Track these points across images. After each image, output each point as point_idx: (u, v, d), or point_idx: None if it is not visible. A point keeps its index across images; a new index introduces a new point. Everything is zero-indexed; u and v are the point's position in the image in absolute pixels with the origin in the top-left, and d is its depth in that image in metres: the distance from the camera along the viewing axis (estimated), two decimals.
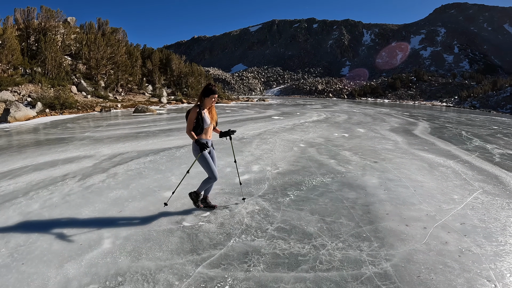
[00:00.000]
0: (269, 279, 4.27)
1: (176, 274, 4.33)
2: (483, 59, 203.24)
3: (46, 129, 18.38)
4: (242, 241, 5.26)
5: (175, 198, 6.90)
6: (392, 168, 10.40)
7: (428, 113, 46.44)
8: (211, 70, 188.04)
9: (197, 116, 6.10)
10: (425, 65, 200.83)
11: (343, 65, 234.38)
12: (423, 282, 4.27)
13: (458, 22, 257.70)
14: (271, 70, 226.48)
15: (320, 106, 55.35)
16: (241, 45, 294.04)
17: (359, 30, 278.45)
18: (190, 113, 6.14)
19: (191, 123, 6.15)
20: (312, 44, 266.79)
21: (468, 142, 16.92)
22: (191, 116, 6.13)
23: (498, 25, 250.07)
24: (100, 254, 4.82)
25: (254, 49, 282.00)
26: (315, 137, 16.49)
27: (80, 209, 6.47)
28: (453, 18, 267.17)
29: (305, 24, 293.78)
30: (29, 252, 4.86)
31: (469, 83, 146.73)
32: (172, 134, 16.45)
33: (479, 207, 7.08)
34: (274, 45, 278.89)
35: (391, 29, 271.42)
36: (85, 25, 51.56)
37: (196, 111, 6.10)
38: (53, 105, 28.08)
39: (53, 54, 35.25)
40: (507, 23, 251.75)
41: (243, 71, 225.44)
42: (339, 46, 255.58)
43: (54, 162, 10.29)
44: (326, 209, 6.66)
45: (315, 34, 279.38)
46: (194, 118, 6.12)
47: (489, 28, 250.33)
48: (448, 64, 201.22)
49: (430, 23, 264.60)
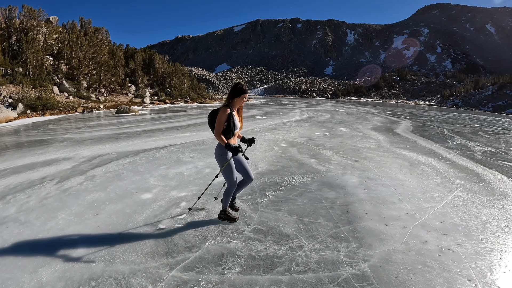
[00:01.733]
0: (244, 282, 4.21)
1: (150, 278, 4.25)
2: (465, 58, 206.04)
3: (27, 130, 18.12)
4: (217, 243, 5.19)
5: (152, 200, 6.83)
6: (373, 167, 10.41)
7: (411, 112, 46.83)
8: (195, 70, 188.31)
9: (228, 118, 5.50)
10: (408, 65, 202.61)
11: (327, 65, 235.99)
12: (402, 283, 4.24)
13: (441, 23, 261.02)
14: (255, 70, 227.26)
15: (303, 105, 55.53)
16: (225, 45, 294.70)
17: (343, 30, 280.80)
18: (219, 113, 5.47)
19: (222, 125, 5.47)
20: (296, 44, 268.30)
21: (449, 140, 17.06)
22: (221, 118, 5.45)
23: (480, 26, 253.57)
24: (74, 258, 4.73)
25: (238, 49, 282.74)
26: (297, 137, 16.50)
27: (57, 212, 6.34)
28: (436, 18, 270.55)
29: (289, 24, 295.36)
30: (3, 257, 4.75)
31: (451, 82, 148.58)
32: (153, 135, 16.31)
33: (460, 205, 7.10)
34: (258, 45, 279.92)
35: (375, 29, 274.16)
36: (67, 24, 50.96)
37: (226, 112, 5.45)
38: (34, 106, 27.70)
39: (34, 54, 34.74)
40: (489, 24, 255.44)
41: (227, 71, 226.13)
42: (323, 46, 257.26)
43: (33, 165, 10.11)
44: (304, 210, 6.62)
45: (299, 34, 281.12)
46: (225, 120, 5.48)
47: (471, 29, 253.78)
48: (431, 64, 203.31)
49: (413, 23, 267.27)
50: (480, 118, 39.70)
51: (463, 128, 24.27)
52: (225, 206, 5.97)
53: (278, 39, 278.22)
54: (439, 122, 28.88)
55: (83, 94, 38.13)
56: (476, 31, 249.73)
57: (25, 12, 39.45)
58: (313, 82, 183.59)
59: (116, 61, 48.99)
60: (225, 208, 5.99)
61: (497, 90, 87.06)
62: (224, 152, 5.60)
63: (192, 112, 33.48)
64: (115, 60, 48.72)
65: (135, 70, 55.51)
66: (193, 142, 14.11)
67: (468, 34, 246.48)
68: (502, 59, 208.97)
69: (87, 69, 42.57)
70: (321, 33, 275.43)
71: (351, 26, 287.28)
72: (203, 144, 13.38)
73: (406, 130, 21.09)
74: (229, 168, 5.65)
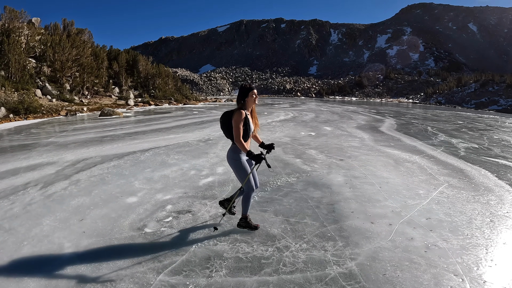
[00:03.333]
0: (232, 284, 4.19)
1: (137, 283, 4.21)
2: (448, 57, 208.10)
3: (10, 135, 17.89)
4: (204, 246, 5.17)
5: (138, 203, 6.78)
6: (358, 165, 10.45)
7: (394, 110, 47.16)
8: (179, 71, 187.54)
9: (245, 121, 5.18)
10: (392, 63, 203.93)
11: (311, 64, 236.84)
12: (389, 280, 4.26)
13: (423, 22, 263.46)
14: (239, 70, 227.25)
15: (288, 105, 55.65)
16: (209, 46, 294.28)
17: (327, 29, 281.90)
18: (235, 117, 5.14)
19: (240, 129, 5.11)
20: (280, 44, 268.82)
21: (433, 137, 17.21)
22: (238, 121, 5.11)
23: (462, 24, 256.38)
24: (60, 265, 4.66)
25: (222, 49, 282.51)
26: (282, 137, 16.52)
27: (41, 218, 6.25)
28: (419, 17, 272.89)
29: (273, 24, 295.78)
30: None
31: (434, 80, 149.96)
32: (137, 137, 16.20)
33: (445, 201, 7.16)
34: (242, 45, 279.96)
35: (358, 28, 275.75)
36: (50, 26, 50.53)
37: (242, 115, 5.13)
38: (17, 109, 27.39)
39: (17, 56, 34.32)
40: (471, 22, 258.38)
41: (211, 71, 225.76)
42: (307, 45, 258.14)
43: (16, 170, 9.97)
44: (290, 210, 6.62)
45: (283, 34, 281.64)
46: (242, 123, 5.15)
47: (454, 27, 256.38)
48: (414, 62, 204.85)
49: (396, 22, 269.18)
50: (463, 115, 40.07)
51: (446, 125, 24.50)
52: (245, 212, 5.66)
53: (262, 39, 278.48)
54: (423, 120, 29.11)
55: (66, 97, 37.81)
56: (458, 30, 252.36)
57: (7, 14, 39.03)
58: (297, 81, 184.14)
59: (100, 62, 48.65)
60: (246, 214, 5.68)
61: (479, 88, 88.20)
62: (237, 157, 5.36)
63: (176, 113, 33.35)
64: (98, 62, 48.37)
65: (118, 71, 55.16)
66: (177, 144, 14.05)
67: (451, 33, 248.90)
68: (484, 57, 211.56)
69: (70, 71, 42.17)
70: (305, 33, 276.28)
71: (335, 25, 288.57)
72: (188, 146, 13.33)
73: (390, 128, 21.23)
74: (245, 172, 5.38)
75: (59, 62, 40.66)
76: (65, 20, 52.06)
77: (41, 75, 40.04)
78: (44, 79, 39.14)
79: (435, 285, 4.19)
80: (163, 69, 69.69)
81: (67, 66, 41.38)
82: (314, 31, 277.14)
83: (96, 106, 39.11)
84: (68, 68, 41.61)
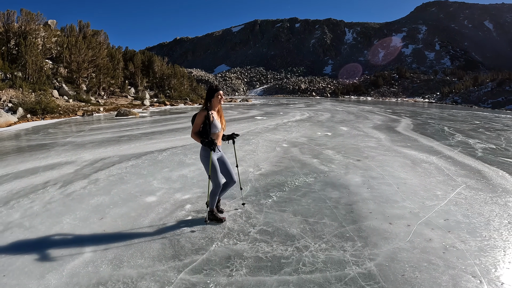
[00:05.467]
0: (252, 283, 4.23)
1: (158, 282, 4.26)
2: (464, 55, 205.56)
3: (28, 135, 18.10)
4: (224, 245, 5.21)
5: (157, 203, 6.84)
6: (375, 166, 10.42)
7: (410, 109, 46.82)
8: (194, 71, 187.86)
9: (205, 120, 5.69)
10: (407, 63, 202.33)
11: (326, 64, 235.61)
12: (408, 281, 4.26)
13: (439, 20, 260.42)
14: (254, 70, 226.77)
15: (303, 105, 55.46)
16: (223, 46, 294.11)
17: (341, 29, 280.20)
18: (197, 116, 5.74)
19: (197, 126, 5.74)
20: (295, 43, 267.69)
21: (450, 137, 17.07)
22: (198, 120, 5.72)
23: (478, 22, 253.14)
24: (81, 263, 4.72)
25: (237, 49, 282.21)
26: (298, 137, 16.49)
27: (61, 217, 6.34)
28: (434, 15, 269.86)
29: (287, 23, 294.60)
30: (10, 263, 4.75)
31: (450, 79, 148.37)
32: (154, 137, 16.30)
33: (463, 203, 7.12)
34: (257, 45, 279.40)
35: (373, 27, 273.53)
36: (66, 27, 50.90)
37: (203, 114, 5.69)
38: (34, 110, 27.66)
39: (33, 58, 34.65)
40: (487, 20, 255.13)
41: (226, 71, 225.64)
42: (322, 45, 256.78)
43: (35, 169, 10.10)
44: (309, 210, 6.64)
45: (298, 33, 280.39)
46: (201, 122, 5.72)
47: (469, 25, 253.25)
48: (430, 61, 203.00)
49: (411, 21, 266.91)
50: (480, 114, 39.71)
51: (463, 125, 24.29)
52: (212, 206, 6.09)
53: (276, 39, 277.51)
54: (439, 120, 28.89)
55: (82, 97, 38.10)
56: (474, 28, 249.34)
57: (24, 16, 39.39)
58: (312, 81, 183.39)
59: (115, 63, 48.90)
60: (212, 208, 6.11)
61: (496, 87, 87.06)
62: (207, 154, 5.76)
63: (192, 113, 33.34)
64: (114, 62, 48.61)
65: (134, 72, 55.48)
66: (194, 144, 14.07)
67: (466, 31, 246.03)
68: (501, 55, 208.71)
69: (86, 72, 42.50)
70: (319, 32, 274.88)
71: (349, 24, 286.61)
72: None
73: (406, 128, 21.10)
74: (213, 169, 5.78)
75: (75, 63, 40.95)
76: (81, 22, 52.42)
77: (57, 76, 40.40)
78: (61, 80, 39.50)
79: (453, 286, 4.18)
80: (178, 69, 69.89)
81: (84, 67, 41.68)
82: (329, 30, 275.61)
83: (112, 106, 39.36)
84: (84, 69, 41.92)
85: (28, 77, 34.18)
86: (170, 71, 65.01)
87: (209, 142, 5.55)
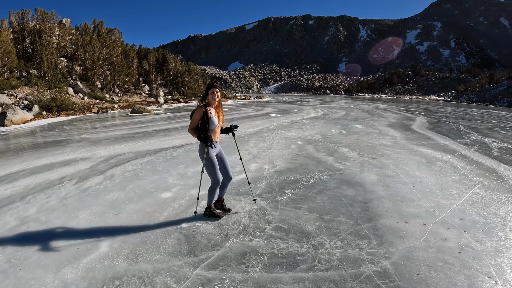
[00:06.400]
0: (268, 279, 4.23)
1: (174, 277, 4.29)
2: (479, 53, 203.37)
3: (43, 131, 18.28)
4: (240, 241, 5.22)
5: (172, 199, 6.87)
6: (390, 164, 10.36)
7: (425, 107, 46.49)
8: (208, 69, 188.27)
9: (203, 117, 5.74)
10: (422, 60, 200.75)
11: (340, 61, 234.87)
12: (423, 280, 4.24)
13: (454, 16, 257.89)
14: (267, 67, 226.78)
15: (317, 102, 55.42)
16: (237, 43, 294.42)
17: (355, 26, 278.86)
18: (195, 112, 5.79)
19: (195, 122, 5.78)
20: (308, 40, 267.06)
21: (466, 136, 16.91)
22: (195, 116, 5.76)
23: (494, 19, 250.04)
24: (97, 257, 4.77)
25: (251, 47, 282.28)
26: (313, 134, 16.46)
27: (77, 212, 6.41)
28: (449, 12, 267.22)
29: (301, 20, 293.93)
30: (26, 257, 4.80)
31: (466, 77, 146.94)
32: (169, 134, 16.37)
33: (478, 202, 7.05)
34: (270, 42, 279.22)
35: (387, 24, 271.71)
36: (80, 26, 51.25)
37: (201, 110, 5.73)
38: (50, 107, 27.94)
39: (48, 56, 35.01)
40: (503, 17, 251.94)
41: (240, 69, 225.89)
42: (335, 42, 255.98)
43: (51, 165, 10.20)
44: (324, 207, 6.62)
45: (311, 30, 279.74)
46: (199, 118, 5.76)
47: (485, 22, 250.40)
48: (445, 59, 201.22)
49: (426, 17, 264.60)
50: (496, 113, 39.28)
51: (479, 124, 24.05)
52: (210, 203, 6.12)
53: (290, 36, 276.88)
54: (455, 118, 28.64)
55: (97, 94, 38.39)
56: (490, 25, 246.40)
57: (38, 15, 39.79)
58: (326, 79, 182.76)
59: (130, 61, 49.12)
60: (210, 205, 6.13)
61: None
62: (203, 150, 5.83)
63: None
64: (128, 60, 48.85)
65: (148, 70, 55.75)
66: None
67: (482, 27, 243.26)
68: None
69: (101, 70, 42.82)
70: (333, 29, 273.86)
71: (363, 21, 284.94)
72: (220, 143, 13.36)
73: (421, 127, 20.95)
74: (212, 165, 5.85)
75: (90, 61, 41.29)
76: (95, 20, 52.74)
77: (72, 73, 40.77)
78: (76, 78, 39.84)
79: (469, 286, 4.16)
80: (192, 67, 70.13)
81: (98, 65, 41.99)
82: (343, 27, 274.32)
83: (126, 103, 39.59)
84: (99, 67, 42.23)
85: (43, 75, 34.54)
86: (184, 69, 65.25)
87: (205, 138, 5.62)
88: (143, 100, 45.46)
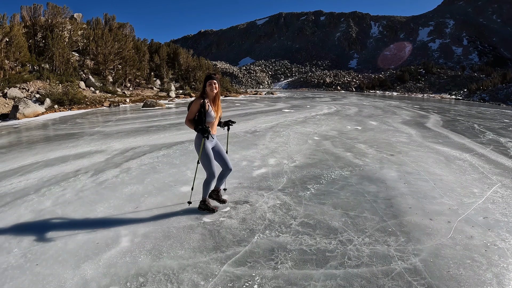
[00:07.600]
0: (299, 276, 4.14)
1: (201, 274, 4.19)
2: (492, 51, 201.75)
3: (56, 125, 18.32)
4: (266, 237, 5.13)
5: (194, 193, 6.78)
6: (409, 161, 10.27)
7: (437, 105, 46.22)
8: (219, 64, 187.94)
9: (200, 109, 5.66)
10: (434, 58, 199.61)
11: (351, 58, 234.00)
12: (453, 278, 4.18)
13: (466, 14, 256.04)
14: (278, 63, 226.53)
15: (329, 99, 55.27)
16: (248, 39, 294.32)
17: (367, 22, 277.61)
18: (193, 104, 5.72)
19: (192, 114, 5.72)
20: (320, 36, 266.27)
21: (481, 135, 16.73)
22: (193, 108, 5.69)
23: (507, 17, 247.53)
24: (118, 253, 4.66)
25: (261, 42, 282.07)
26: (328, 130, 16.39)
27: (95, 205, 6.34)
28: (462, 9, 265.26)
29: (312, 16, 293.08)
30: (43, 252, 4.69)
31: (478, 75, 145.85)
32: (183, 127, 16.34)
33: (500, 201, 6.97)
34: (281, 38, 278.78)
35: (399, 21, 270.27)
36: (91, 20, 51.58)
37: (199, 102, 5.66)
38: (61, 101, 28.08)
39: (60, 50, 35.21)
40: None
41: (251, 64, 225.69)
42: (347, 38, 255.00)
43: (65, 158, 10.17)
44: (348, 203, 6.56)
45: (323, 26, 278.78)
46: (196, 110, 5.68)
47: (498, 20, 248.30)
48: (457, 57, 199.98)
49: (438, 15, 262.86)
50: (509, 113, 38.82)
51: (492, 123, 23.80)
52: (205, 196, 6.11)
53: (301, 32, 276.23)
54: (468, 117, 28.39)
55: (109, 88, 38.57)
56: (503, 23, 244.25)
57: (50, 10, 40.11)
58: (337, 75, 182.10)
59: (141, 56, 49.37)
60: (205, 198, 6.11)
61: None
62: (200, 142, 5.75)
63: None
64: (140, 55, 49.09)
65: (160, 64, 55.95)
66: (224, 135, 14.08)
67: (495, 26, 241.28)
68: None
69: (112, 64, 43.00)
70: (344, 25, 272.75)
71: (375, 18, 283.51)
72: (236, 137, 13.33)
73: (436, 125, 20.78)
74: (207, 158, 5.79)
75: (101, 55, 41.51)
76: (106, 15, 53.02)
77: (84, 67, 40.99)
78: (87, 72, 40.05)
79: (497, 284, 4.11)
80: (203, 61, 70.31)
81: (110, 59, 42.19)
82: (354, 23, 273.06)
83: (138, 97, 39.75)
84: (110, 61, 42.43)
85: (55, 69, 34.74)
86: (195, 63, 65.39)
87: (202, 129, 5.57)
88: (154, 94, 45.63)
